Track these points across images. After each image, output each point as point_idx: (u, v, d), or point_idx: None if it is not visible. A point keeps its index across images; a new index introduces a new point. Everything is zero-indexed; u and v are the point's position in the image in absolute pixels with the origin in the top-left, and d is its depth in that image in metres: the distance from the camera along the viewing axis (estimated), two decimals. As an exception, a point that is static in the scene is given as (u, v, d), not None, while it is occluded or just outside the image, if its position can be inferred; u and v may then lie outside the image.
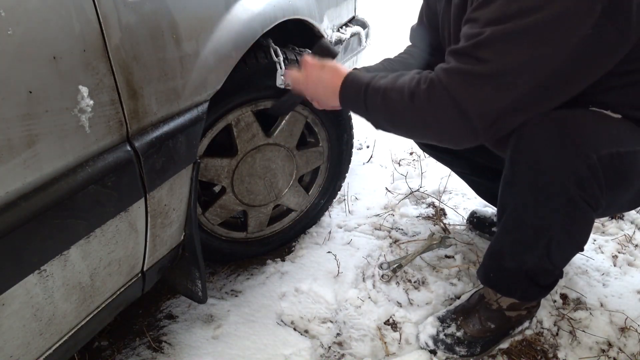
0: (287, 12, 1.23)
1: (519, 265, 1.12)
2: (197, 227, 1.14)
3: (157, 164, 0.89)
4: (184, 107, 0.94)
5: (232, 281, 1.51)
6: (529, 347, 1.28)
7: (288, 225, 1.65)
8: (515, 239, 1.10)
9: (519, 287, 1.17)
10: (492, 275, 1.20)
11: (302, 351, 1.25)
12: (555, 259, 1.10)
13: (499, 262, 1.16)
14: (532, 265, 1.11)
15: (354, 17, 1.87)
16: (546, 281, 1.16)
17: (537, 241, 1.06)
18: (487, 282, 1.22)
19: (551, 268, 1.12)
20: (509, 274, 1.15)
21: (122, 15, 0.76)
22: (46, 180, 0.68)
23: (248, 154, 1.34)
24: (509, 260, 1.13)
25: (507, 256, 1.13)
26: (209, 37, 0.96)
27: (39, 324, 0.76)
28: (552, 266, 1.11)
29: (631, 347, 1.27)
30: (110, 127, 0.77)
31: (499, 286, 1.21)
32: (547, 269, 1.12)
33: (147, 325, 1.34)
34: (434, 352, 1.25)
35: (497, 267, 1.17)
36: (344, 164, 1.66)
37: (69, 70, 0.68)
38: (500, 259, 1.15)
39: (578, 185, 0.95)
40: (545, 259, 1.08)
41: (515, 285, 1.17)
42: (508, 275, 1.16)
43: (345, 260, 1.57)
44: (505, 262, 1.14)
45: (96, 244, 0.81)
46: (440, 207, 1.92)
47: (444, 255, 1.63)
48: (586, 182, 0.95)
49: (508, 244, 1.12)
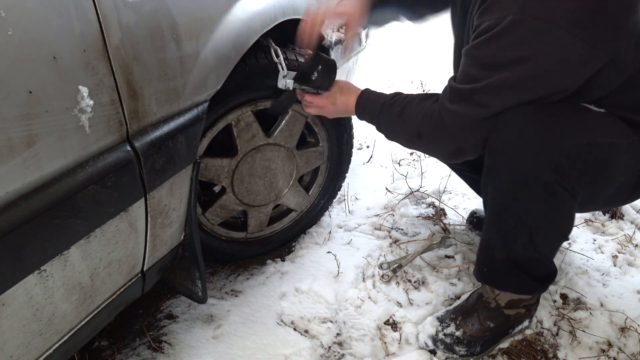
0: (287, 12, 1.23)
1: (508, 256, 1.13)
2: (197, 227, 1.14)
3: (157, 164, 0.89)
4: (184, 107, 0.94)
5: (232, 281, 1.51)
6: (529, 346, 1.28)
7: (288, 225, 1.65)
8: (499, 228, 1.13)
9: (512, 279, 1.17)
10: (485, 270, 1.21)
11: (302, 351, 1.25)
12: (540, 248, 1.11)
13: (489, 254, 1.18)
14: (519, 255, 1.12)
15: (354, 17, 1.87)
16: (539, 273, 1.16)
17: (519, 229, 1.08)
18: (482, 278, 1.23)
19: (538, 257, 1.13)
20: (500, 265, 1.16)
21: (122, 15, 0.76)
22: (46, 180, 0.68)
23: (248, 154, 1.34)
24: (497, 251, 1.15)
25: (496, 248, 1.15)
26: (209, 37, 0.96)
27: (39, 324, 0.76)
28: (538, 254, 1.13)
29: (631, 347, 1.27)
30: (110, 127, 0.77)
31: (493, 280, 1.22)
32: (534, 257, 1.13)
33: (147, 325, 1.34)
34: (434, 352, 1.25)
35: (489, 260, 1.18)
36: (344, 164, 1.66)
37: (69, 70, 0.68)
38: (490, 251, 1.17)
39: (555, 171, 0.99)
40: (530, 248, 1.10)
41: (508, 277, 1.17)
42: (500, 267, 1.17)
43: (345, 260, 1.57)
44: (495, 254, 1.16)
45: (96, 244, 0.81)
46: (440, 207, 1.92)
47: (444, 255, 1.63)
48: (562, 168, 0.99)
49: (494, 234, 1.15)
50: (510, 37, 0.94)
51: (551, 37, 0.91)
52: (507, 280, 1.18)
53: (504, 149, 1.03)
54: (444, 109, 1.08)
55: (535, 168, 1.00)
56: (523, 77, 0.96)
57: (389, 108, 1.20)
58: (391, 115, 1.20)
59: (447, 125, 1.07)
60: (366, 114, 1.27)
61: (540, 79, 0.97)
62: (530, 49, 0.93)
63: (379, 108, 1.22)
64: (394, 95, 1.23)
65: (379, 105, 1.22)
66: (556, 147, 0.98)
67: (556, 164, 0.99)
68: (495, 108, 1.02)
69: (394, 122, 1.20)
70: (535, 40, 0.92)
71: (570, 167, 0.99)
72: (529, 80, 0.97)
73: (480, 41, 1.00)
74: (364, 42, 1.93)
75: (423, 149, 1.27)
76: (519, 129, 1.00)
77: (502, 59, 0.97)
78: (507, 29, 0.94)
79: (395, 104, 1.19)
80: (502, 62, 0.97)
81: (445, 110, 1.07)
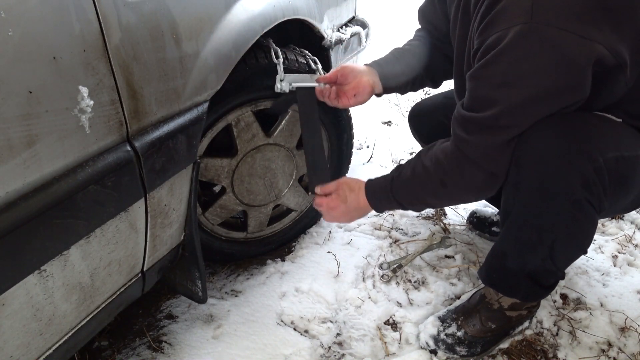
0: (287, 12, 1.23)
1: (521, 266, 1.12)
2: (197, 227, 1.14)
3: (157, 164, 0.89)
4: (184, 107, 0.94)
5: (232, 281, 1.51)
6: (529, 347, 1.28)
7: (288, 225, 1.65)
8: (519, 239, 1.09)
9: (521, 288, 1.16)
10: (494, 276, 1.19)
11: (302, 351, 1.25)
12: (558, 261, 1.09)
13: (501, 262, 1.16)
14: (535, 267, 1.10)
15: (354, 17, 1.87)
16: (548, 282, 1.15)
17: (541, 243, 1.05)
18: (489, 282, 1.22)
19: (554, 269, 1.11)
20: (511, 274, 1.15)
21: (122, 15, 0.76)
22: (46, 180, 0.68)
23: (248, 154, 1.34)
24: (511, 260, 1.13)
25: (510, 257, 1.13)
26: (209, 37, 0.96)
27: (39, 324, 0.76)
28: (554, 267, 1.11)
29: (631, 347, 1.27)
30: (110, 127, 0.77)
31: (501, 286, 1.20)
32: (549, 270, 1.11)
33: (147, 325, 1.34)
34: (435, 352, 1.25)
35: (500, 267, 1.17)
36: (344, 164, 1.66)
37: (69, 70, 0.68)
38: (503, 259, 1.15)
39: (584, 187, 0.95)
40: (548, 261, 1.08)
41: (517, 285, 1.16)
42: (510, 276, 1.15)
43: (345, 260, 1.57)
44: (507, 263, 1.14)
45: (96, 244, 0.81)
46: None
47: (444, 255, 1.63)
48: (592, 185, 0.95)
49: (512, 244, 1.12)
50: (521, 48, 0.88)
51: (564, 42, 0.86)
52: (516, 288, 1.17)
53: (533, 164, 0.98)
54: (462, 142, 1.01)
55: (566, 185, 0.96)
56: (546, 89, 0.90)
57: (399, 178, 1.14)
58: (406, 182, 1.13)
59: (469, 157, 1.00)
60: (382, 199, 1.18)
61: (563, 88, 0.91)
62: (544, 57, 0.87)
63: (389, 185, 1.15)
64: (398, 167, 1.18)
65: (388, 183, 1.16)
66: (588, 164, 0.93)
67: (587, 180, 0.94)
68: (524, 126, 0.96)
69: (411, 186, 1.12)
70: (549, 48, 0.87)
71: (600, 183, 0.95)
72: (553, 90, 0.91)
73: (488, 59, 0.92)
74: (364, 42, 1.92)
75: (455, 197, 1.14)
76: (546, 143, 0.96)
77: (517, 72, 0.90)
78: (517, 40, 0.87)
79: (403, 171, 1.14)
80: (519, 77, 0.90)
81: (464, 143, 1.00)
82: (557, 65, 0.88)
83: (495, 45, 0.91)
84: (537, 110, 0.94)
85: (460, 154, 1.02)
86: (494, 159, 1.00)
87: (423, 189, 1.11)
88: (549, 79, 0.90)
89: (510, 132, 0.97)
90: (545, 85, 0.90)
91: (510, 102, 0.92)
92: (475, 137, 0.98)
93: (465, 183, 1.05)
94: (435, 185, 1.08)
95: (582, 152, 0.94)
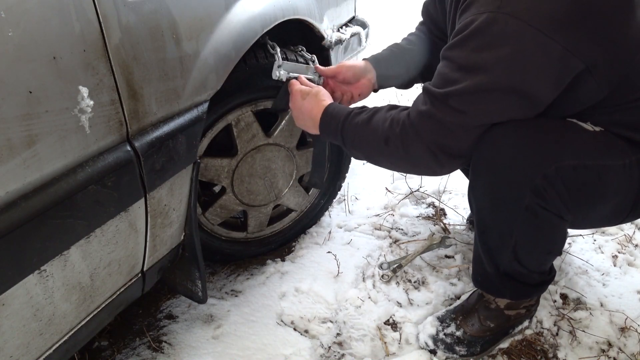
0: (287, 12, 1.23)
1: (497, 269, 1.13)
2: (197, 227, 1.14)
3: (157, 164, 0.89)
4: (184, 107, 0.94)
5: (232, 281, 1.51)
6: (529, 346, 1.28)
7: (288, 225, 1.65)
8: (485, 243, 1.12)
9: (505, 289, 1.17)
10: (479, 279, 1.21)
11: (302, 351, 1.25)
12: (526, 263, 1.10)
13: (481, 265, 1.17)
14: (507, 268, 1.11)
15: (353, 17, 1.87)
16: (533, 281, 1.15)
17: (503, 246, 1.07)
18: (478, 285, 1.24)
19: (525, 271, 1.11)
20: (491, 276, 1.15)
21: (122, 15, 0.76)
22: (46, 180, 0.68)
23: (248, 154, 1.34)
24: (486, 263, 1.14)
25: (484, 260, 1.14)
26: (209, 37, 0.96)
27: (39, 324, 0.76)
28: (525, 269, 1.11)
29: (631, 347, 1.27)
30: (110, 127, 0.77)
31: (487, 288, 1.22)
32: (522, 271, 1.11)
33: (147, 325, 1.34)
34: (434, 352, 1.25)
35: (481, 270, 1.18)
36: (344, 164, 1.66)
37: (69, 71, 0.68)
38: (481, 262, 1.16)
39: (535, 194, 0.96)
40: (515, 263, 1.09)
41: (501, 287, 1.17)
42: (492, 278, 1.16)
43: (345, 260, 1.57)
44: (484, 266, 1.15)
45: (96, 244, 0.81)
46: (440, 207, 1.92)
47: (444, 255, 1.63)
48: (543, 191, 0.96)
49: (482, 248, 1.14)
50: (485, 36, 0.89)
51: (527, 37, 0.86)
52: (501, 289, 1.18)
53: (485, 168, 1.00)
54: (414, 111, 1.01)
55: (514, 191, 0.97)
56: (498, 81, 0.90)
57: (356, 117, 1.11)
58: (358, 123, 1.10)
59: (416, 127, 1.00)
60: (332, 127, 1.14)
61: (516, 83, 0.90)
62: (505, 50, 0.87)
63: (344, 116, 1.12)
64: (362, 107, 1.15)
65: (343, 117, 1.12)
66: (536, 170, 0.94)
67: (536, 187, 0.95)
68: (473, 115, 0.95)
69: (360, 130, 1.09)
70: (511, 40, 0.87)
71: (552, 189, 0.95)
72: (505, 85, 0.90)
73: (455, 42, 0.94)
74: (364, 42, 1.92)
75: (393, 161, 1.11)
76: (499, 148, 0.97)
77: (477, 60, 0.90)
78: (482, 27, 0.89)
79: (362, 114, 1.11)
80: (477, 64, 0.90)
81: (416, 112, 1.01)
82: (514, 60, 0.88)
83: (464, 29, 0.93)
84: (486, 102, 0.93)
85: (409, 121, 1.01)
86: (437, 139, 0.99)
87: (368, 138, 1.09)
88: (504, 72, 0.89)
89: (458, 117, 0.95)
90: (498, 79, 0.90)
91: (463, 86, 0.92)
92: (427, 109, 0.98)
93: (405, 149, 1.03)
94: (379, 141, 1.06)
95: (531, 159, 0.95)
